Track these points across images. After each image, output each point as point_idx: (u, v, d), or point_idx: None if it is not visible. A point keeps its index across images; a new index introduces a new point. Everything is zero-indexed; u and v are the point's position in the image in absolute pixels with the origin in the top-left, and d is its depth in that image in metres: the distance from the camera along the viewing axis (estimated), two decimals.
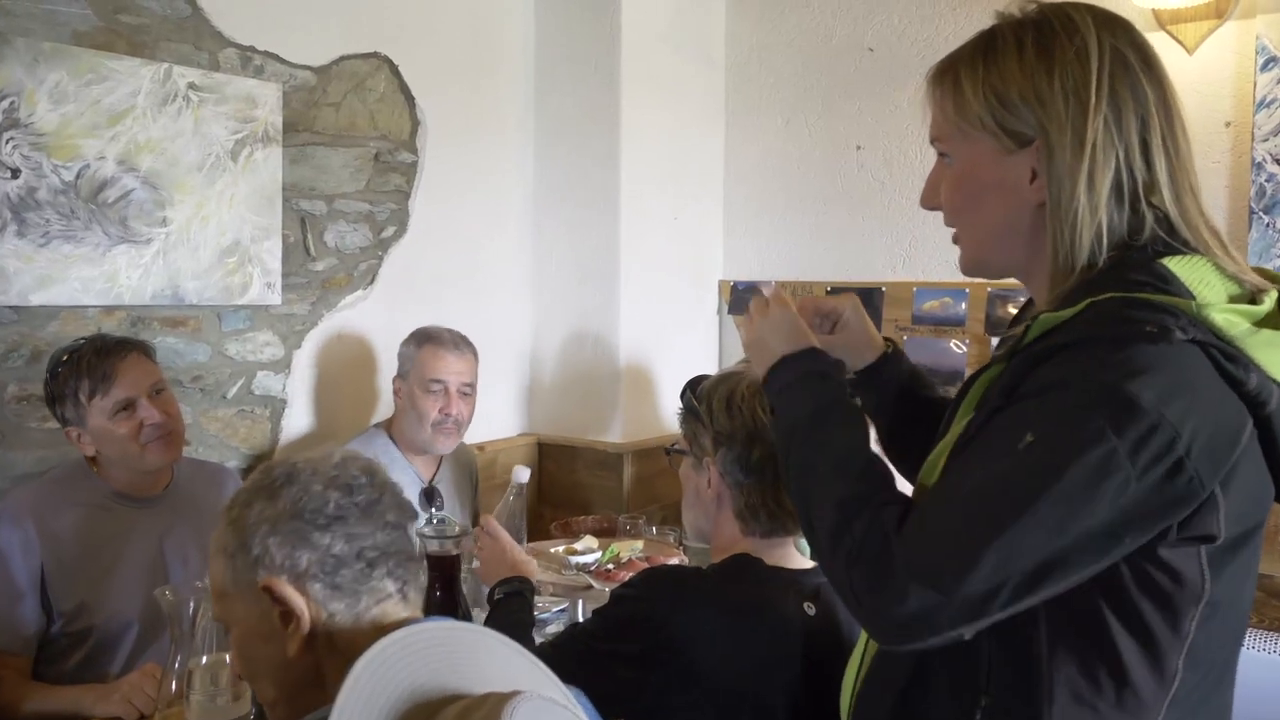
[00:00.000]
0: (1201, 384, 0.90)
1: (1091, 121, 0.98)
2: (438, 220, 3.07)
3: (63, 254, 2.26)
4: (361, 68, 2.84)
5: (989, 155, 1.04)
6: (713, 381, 1.62)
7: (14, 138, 2.18)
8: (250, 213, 2.58)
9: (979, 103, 1.03)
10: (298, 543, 1.07)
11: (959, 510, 0.92)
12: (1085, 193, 0.98)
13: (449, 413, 2.55)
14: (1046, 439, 0.89)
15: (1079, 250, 0.99)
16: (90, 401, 1.99)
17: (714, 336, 3.59)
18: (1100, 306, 0.94)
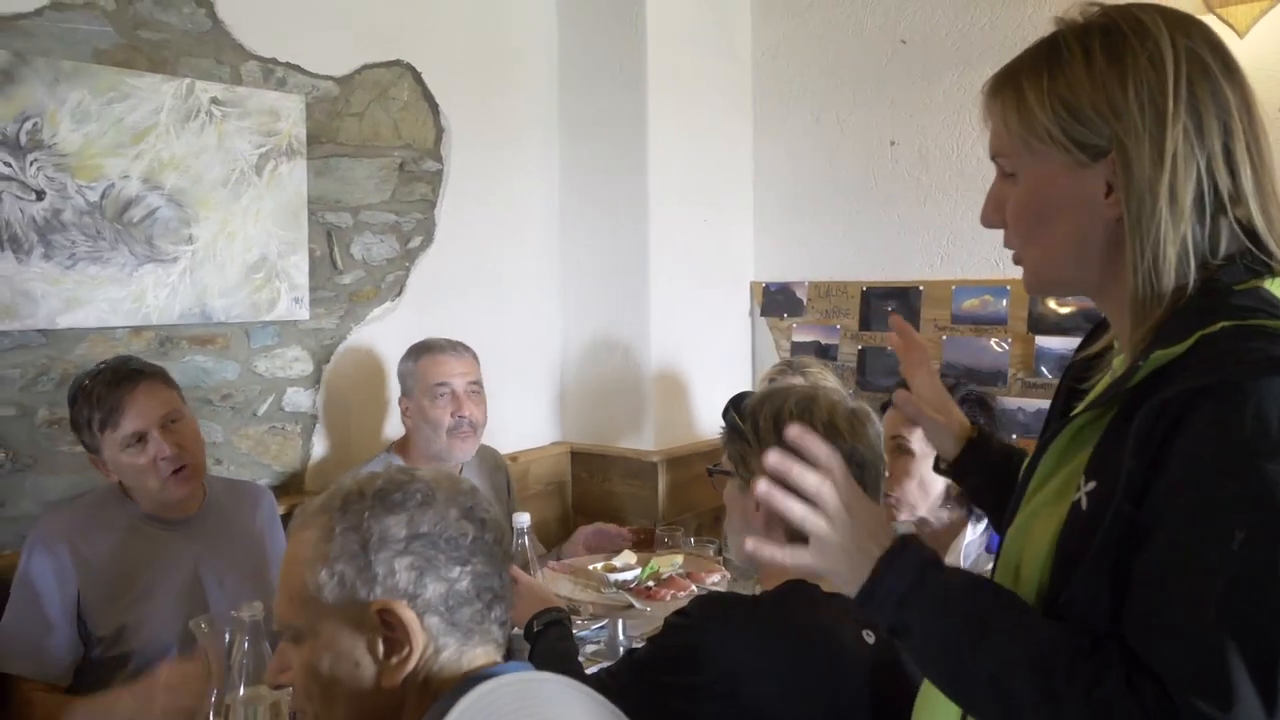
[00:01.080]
0: None
1: (1171, 130, 0.91)
2: (464, 228, 3.02)
3: (89, 275, 2.23)
4: (384, 76, 2.80)
5: (1059, 170, 0.97)
6: (757, 399, 1.55)
7: (38, 159, 2.15)
8: (276, 227, 2.55)
9: (1046, 115, 0.96)
10: (427, 569, 1.01)
11: (1219, 645, 0.80)
12: (1168, 206, 0.91)
13: (462, 414, 2.48)
14: (1263, 525, 0.81)
15: (1163, 268, 0.92)
16: (102, 434, 1.95)
17: (746, 339, 3.53)
18: (1215, 340, 0.87)
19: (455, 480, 1.10)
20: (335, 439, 2.73)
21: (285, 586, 1.05)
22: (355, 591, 1.00)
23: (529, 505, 3.04)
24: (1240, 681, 0.78)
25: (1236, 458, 0.82)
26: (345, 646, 1.01)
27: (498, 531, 1.08)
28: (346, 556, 1.01)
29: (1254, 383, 0.83)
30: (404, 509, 1.03)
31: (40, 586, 1.92)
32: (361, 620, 1.00)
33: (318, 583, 1.01)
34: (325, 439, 2.71)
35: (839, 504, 0.97)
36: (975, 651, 0.90)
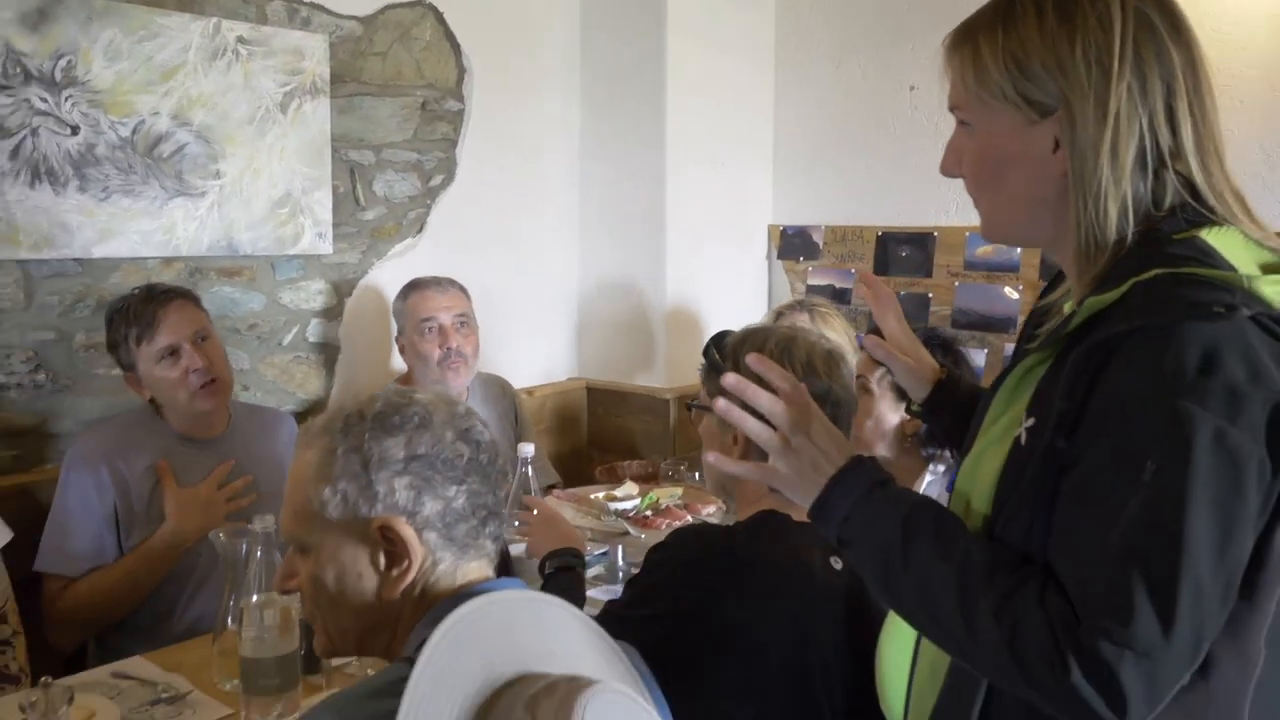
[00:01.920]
0: (1265, 351, 0.88)
1: (1115, 89, 0.95)
2: (485, 168, 3.10)
3: (122, 208, 2.35)
4: (407, 16, 2.86)
5: (1011, 125, 1.01)
6: (738, 337, 1.61)
7: (72, 95, 2.25)
8: (300, 164, 2.64)
9: (999, 72, 1.00)
10: (425, 488, 1.06)
11: (1124, 570, 0.85)
12: (1109, 163, 0.96)
13: (450, 346, 2.57)
14: (1171, 458, 0.85)
15: (1105, 222, 0.97)
16: (138, 347, 2.09)
17: (763, 282, 3.59)
18: (1148, 286, 0.91)
19: (451, 403, 1.14)
20: (356, 369, 2.84)
21: (291, 502, 1.12)
22: (357, 509, 1.06)
23: (545, 438, 3.15)
24: (1140, 604, 0.84)
25: (1154, 395, 0.87)
26: (348, 559, 1.07)
27: (492, 452, 1.13)
28: (348, 476, 1.06)
29: (1176, 326, 0.87)
30: (402, 431, 1.07)
31: (79, 498, 2.06)
32: (364, 535, 1.06)
33: (321, 500, 1.07)
34: (346, 369, 2.83)
35: (792, 423, 1.05)
36: (905, 562, 0.97)
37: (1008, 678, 0.91)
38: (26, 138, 2.19)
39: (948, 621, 0.94)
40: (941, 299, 3.20)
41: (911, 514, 0.99)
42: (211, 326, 2.20)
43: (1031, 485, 0.94)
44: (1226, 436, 0.85)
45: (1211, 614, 0.86)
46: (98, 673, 1.76)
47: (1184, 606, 0.84)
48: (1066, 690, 0.86)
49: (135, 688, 1.69)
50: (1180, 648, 0.84)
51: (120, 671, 1.74)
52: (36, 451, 2.28)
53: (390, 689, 0.92)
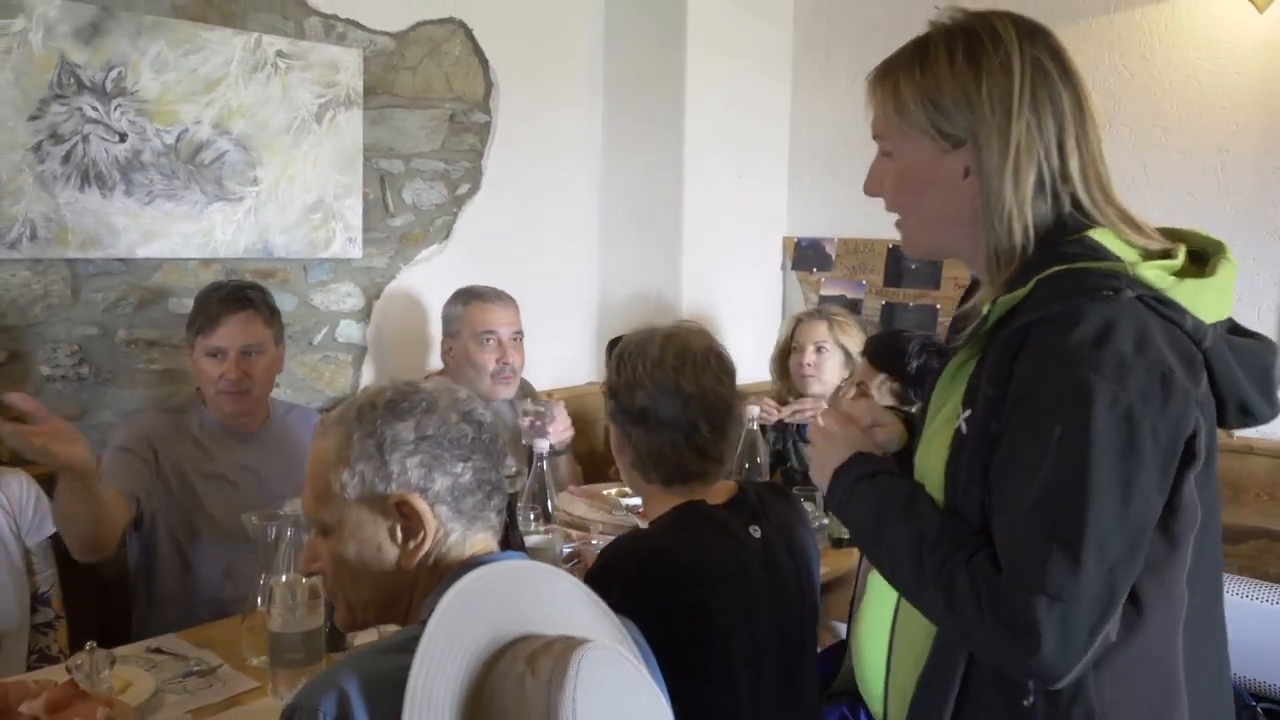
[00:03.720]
0: (1152, 325, 1.00)
1: (1015, 125, 1.08)
2: (510, 178, 3.21)
3: (165, 211, 2.47)
4: (437, 32, 2.98)
5: (927, 154, 1.13)
6: (617, 357, 1.65)
7: (121, 104, 2.38)
8: (333, 172, 2.76)
9: (916, 106, 1.12)
10: (435, 466, 1.17)
11: (1037, 524, 0.97)
12: (1012, 189, 1.09)
13: (506, 361, 2.68)
14: (1073, 423, 0.96)
15: (1012, 239, 1.09)
16: (196, 336, 2.22)
17: (777, 292, 3.68)
18: (1049, 281, 1.04)
19: (453, 389, 1.25)
20: (382, 369, 2.96)
21: (312, 487, 1.22)
22: (374, 487, 1.16)
23: None
24: (1051, 552, 0.95)
25: (1057, 369, 0.99)
26: (369, 534, 1.18)
27: (493, 431, 1.24)
28: (365, 458, 1.16)
29: (1074, 310, 1.00)
30: (411, 415, 1.18)
31: (117, 463, 2.15)
32: (382, 511, 1.16)
33: (341, 482, 1.17)
34: (373, 368, 2.94)
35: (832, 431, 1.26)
36: (883, 530, 1.13)
37: (949, 624, 1.06)
38: (78, 144, 2.32)
39: (906, 579, 1.10)
40: (949, 311, 3.28)
41: (890, 495, 1.15)
42: (271, 342, 2.27)
43: (974, 467, 1.06)
44: (1119, 400, 0.96)
45: (1121, 561, 0.96)
46: (134, 647, 1.83)
47: (1090, 553, 0.94)
48: (992, 633, 0.98)
49: (169, 661, 1.77)
50: (1090, 591, 0.95)
51: (155, 646, 1.83)
52: None
53: (406, 645, 1.02)
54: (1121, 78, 2.98)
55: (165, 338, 2.50)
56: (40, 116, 2.27)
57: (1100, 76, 3.01)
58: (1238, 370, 1.08)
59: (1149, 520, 0.99)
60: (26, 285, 2.31)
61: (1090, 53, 3.02)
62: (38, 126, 2.27)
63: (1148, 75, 2.95)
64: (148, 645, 1.85)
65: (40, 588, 2.03)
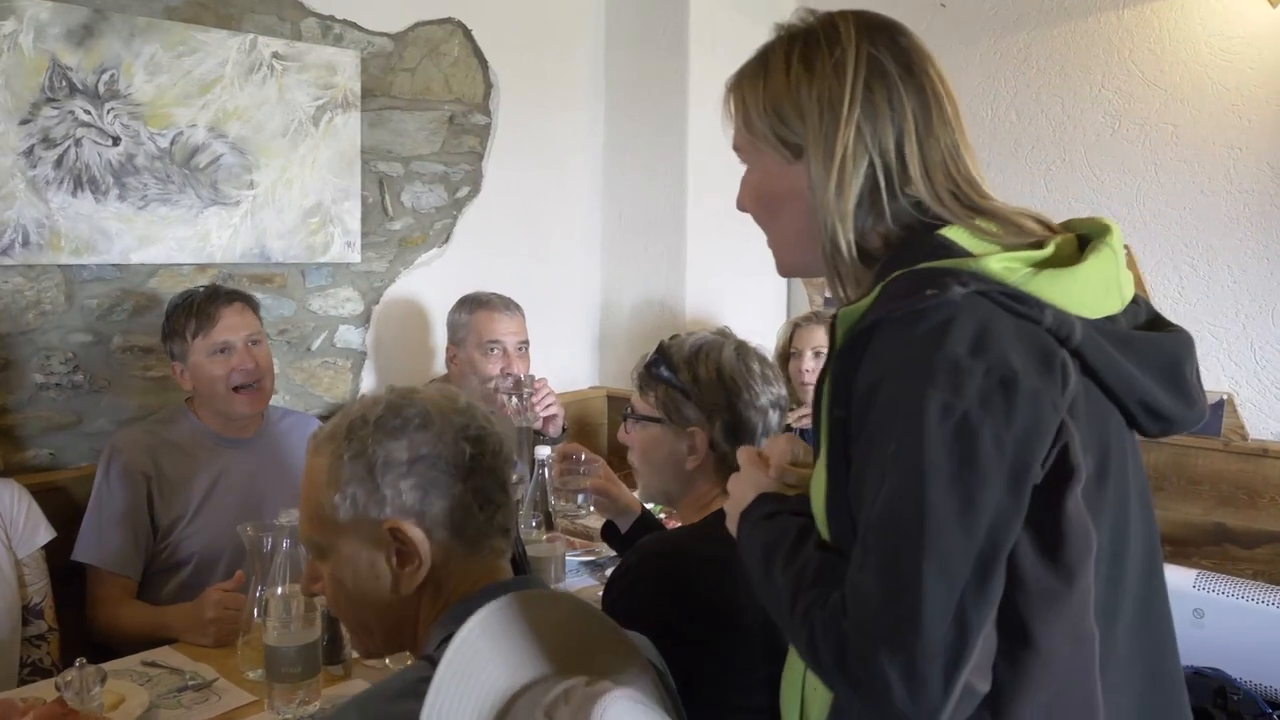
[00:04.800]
0: (998, 323, 0.89)
1: (843, 133, 1.00)
2: (510, 180, 3.17)
3: (159, 215, 2.44)
4: (436, 33, 2.95)
5: (775, 167, 1.07)
6: (689, 350, 1.64)
7: (114, 108, 2.35)
8: (331, 175, 2.73)
9: (759, 117, 1.06)
10: (430, 489, 1.09)
11: (874, 556, 0.86)
12: (835, 199, 1.01)
13: (510, 371, 2.63)
14: (904, 439, 0.86)
15: (838, 252, 1.02)
16: (193, 340, 2.18)
17: (781, 293, 3.64)
18: (891, 286, 0.95)
19: (452, 400, 1.16)
20: (382, 375, 2.92)
21: (305, 507, 1.15)
22: (367, 512, 1.09)
23: None
24: (886, 589, 0.84)
25: (889, 381, 0.89)
26: (364, 561, 1.11)
27: (495, 443, 1.15)
28: (356, 481, 1.09)
29: (904, 315, 0.90)
30: (404, 434, 1.10)
31: (119, 488, 2.13)
32: (376, 537, 1.09)
33: (333, 504, 1.10)
34: (373, 374, 2.91)
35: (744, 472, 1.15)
36: (770, 572, 1.01)
37: (816, 672, 0.94)
38: (70, 148, 2.29)
39: (786, 623, 0.98)
40: None
41: (777, 539, 1.03)
42: (264, 334, 2.29)
43: (841, 500, 0.96)
44: (952, 409, 0.85)
45: (970, 594, 0.83)
46: (128, 661, 1.81)
47: (930, 588, 0.82)
48: (844, 684, 0.88)
49: (164, 675, 1.74)
50: (934, 634, 0.82)
51: (150, 660, 1.80)
52: (73, 449, 2.36)
53: (413, 690, 0.97)
54: (1131, 75, 2.94)
55: (160, 345, 2.45)
56: (31, 120, 2.23)
57: (1109, 73, 2.97)
58: (1131, 367, 0.96)
59: (1001, 542, 0.85)
60: (19, 292, 2.27)
61: (1099, 49, 2.98)
62: (29, 130, 2.23)
63: (1157, 71, 2.90)
64: (142, 658, 1.82)
65: (32, 599, 1.99)
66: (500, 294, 2.74)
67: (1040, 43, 3.06)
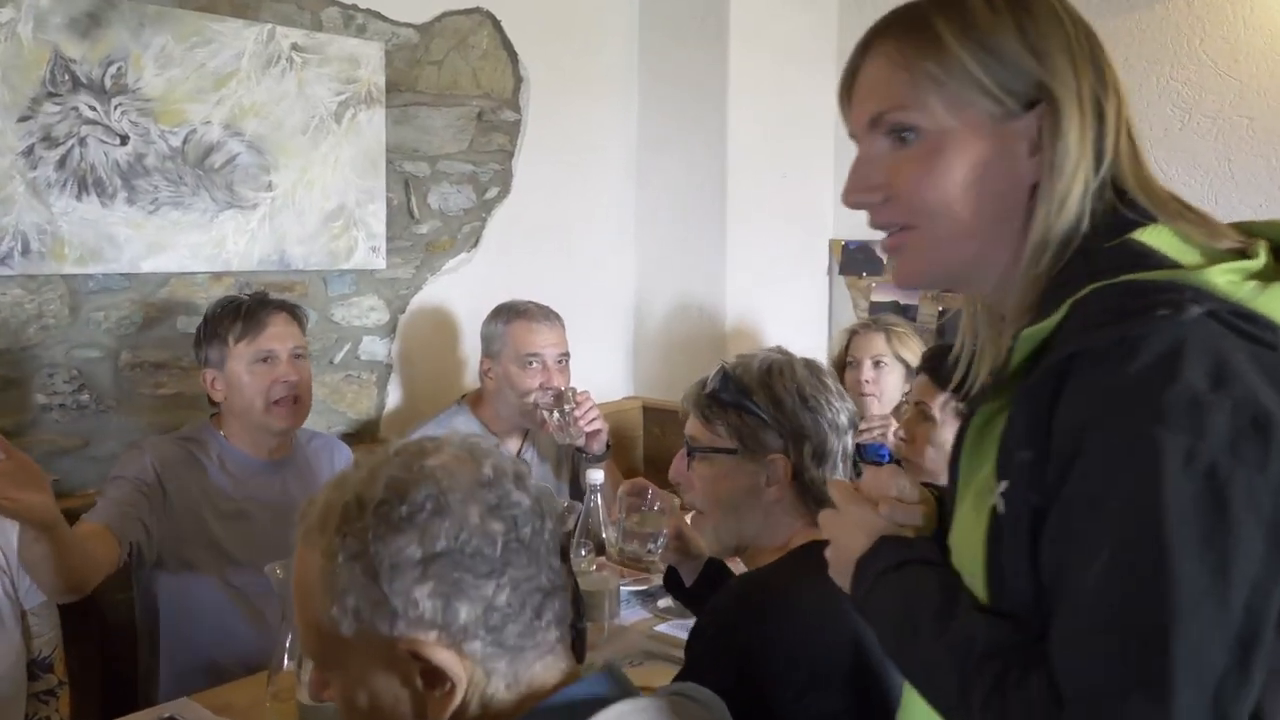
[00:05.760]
0: (1233, 351, 0.74)
1: (1084, 80, 0.84)
2: (541, 180, 3.00)
3: (171, 220, 2.26)
4: (464, 24, 2.77)
5: (983, 124, 0.85)
6: (758, 370, 1.45)
7: (122, 103, 2.16)
8: (354, 175, 2.55)
9: (969, 58, 0.84)
10: (454, 593, 0.85)
11: (1103, 643, 0.71)
12: (1089, 165, 0.83)
13: (550, 386, 2.44)
14: (1137, 494, 0.71)
15: (1058, 235, 0.84)
16: (236, 345, 2.02)
17: (824, 297, 3.45)
18: (1085, 304, 0.77)
19: (474, 462, 0.90)
20: (409, 388, 2.74)
21: (301, 614, 0.91)
22: (375, 627, 0.85)
23: None
24: (1125, 679, 0.70)
25: (1108, 421, 0.73)
26: (379, 684, 0.88)
27: (538, 515, 0.90)
28: (356, 589, 0.85)
29: (1123, 340, 0.74)
30: (413, 525, 0.85)
31: (135, 478, 1.94)
32: (390, 657, 0.86)
33: (331, 617, 0.86)
34: (399, 388, 2.73)
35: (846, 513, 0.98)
36: (915, 640, 0.85)
37: None
38: (74, 147, 2.11)
39: (949, 704, 0.82)
40: None
41: (916, 597, 0.88)
42: (308, 349, 2.15)
43: (1018, 556, 0.79)
44: (1197, 455, 0.70)
45: (1228, 681, 0.69)
46: (145, 716, 1.65)
47: (1181, 679, 0.68)
48: None
49: None
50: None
51: (168, 715, 1.64)
52: (78, 475, 2.18)
53: None
54: (1202, 65, 2.77)
55: (174, 359, 2.28)
56: (32, 117, 2.05)
57: (1179, 64, 2.80)
58: None
59: (1264, 618, 0.70)
60: (19, 305, 2.09)
61: (1167, 39, 2.81)
62: (29, 128, 2.05)
63: (1231, 61, 2.73)
64: (159, 713, 1.66)
65: (40, 652, 1.81)
66: (539, 303, 2.53)
67: (1103, 33, 2.88)
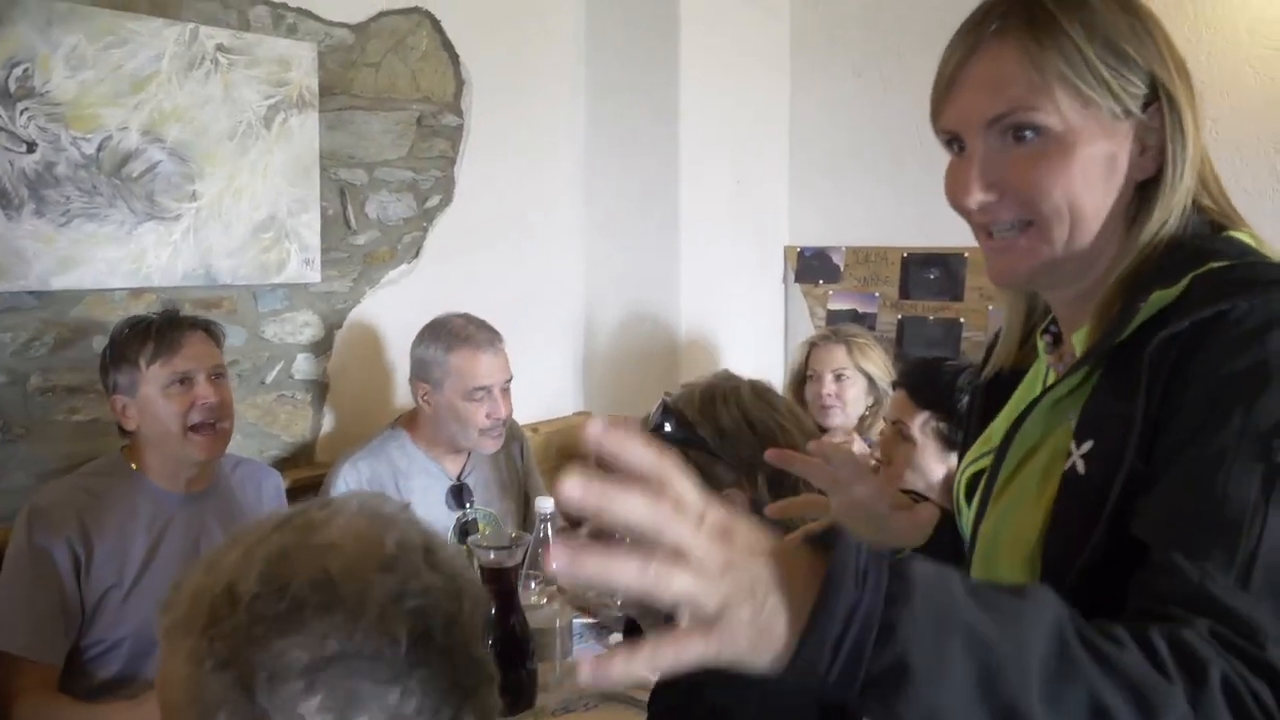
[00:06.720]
0: None
1: (1185, 78, 0.86)
2: (486, 187, 2.88)
3: (85, 233, 2.10)
4: (402, 24, 2.64)
5: (1103, 122, 0.84)
6: (700, 399, 1.33)
7: (29, 108, 2.01)
8: (286, 184, 2.41)
9: (1097, 56, 0.83)
10: (350, 706, 0.70)
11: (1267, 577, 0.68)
12: (1196, 162, 0.85)
13: (499, 417, 2.30)
14: None
15: (1170, 237, 0.85)
16: (149, 368, 1.87)
17: (779, 307, 3.38)
18: (1213, 276, 0.79)
19: (374, 537, 0.75)
20: (347, 409, 2.60)
21: None
22: None
23: (549, 480, 2.91)
24: None
25: (1265, 375, 0.73)
26: None
27: (453, 599, 0.75)
28: (229, 705, 0.70)
29: (1267, 305, 0.76)
30: (297, 625, 0.70)
31: (40, 560, 1.81)
32: None
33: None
34: (337, 408, 2.59)
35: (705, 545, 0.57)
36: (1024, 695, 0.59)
37: None
38: None
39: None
40: (975, 324, 2.99)
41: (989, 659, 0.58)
42: (226, 368, 2.00)
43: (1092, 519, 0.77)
44: None
45: None
46: None
47: None
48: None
49: None
50: None
51: None
52: None
53: None
54: None
55: (90, 383, 2.11)
56: None
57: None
58: None
59: None
60: None
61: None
62: None
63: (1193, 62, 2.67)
64: None
65: None
66: (477, 321, 2.36)
67: None
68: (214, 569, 0.74)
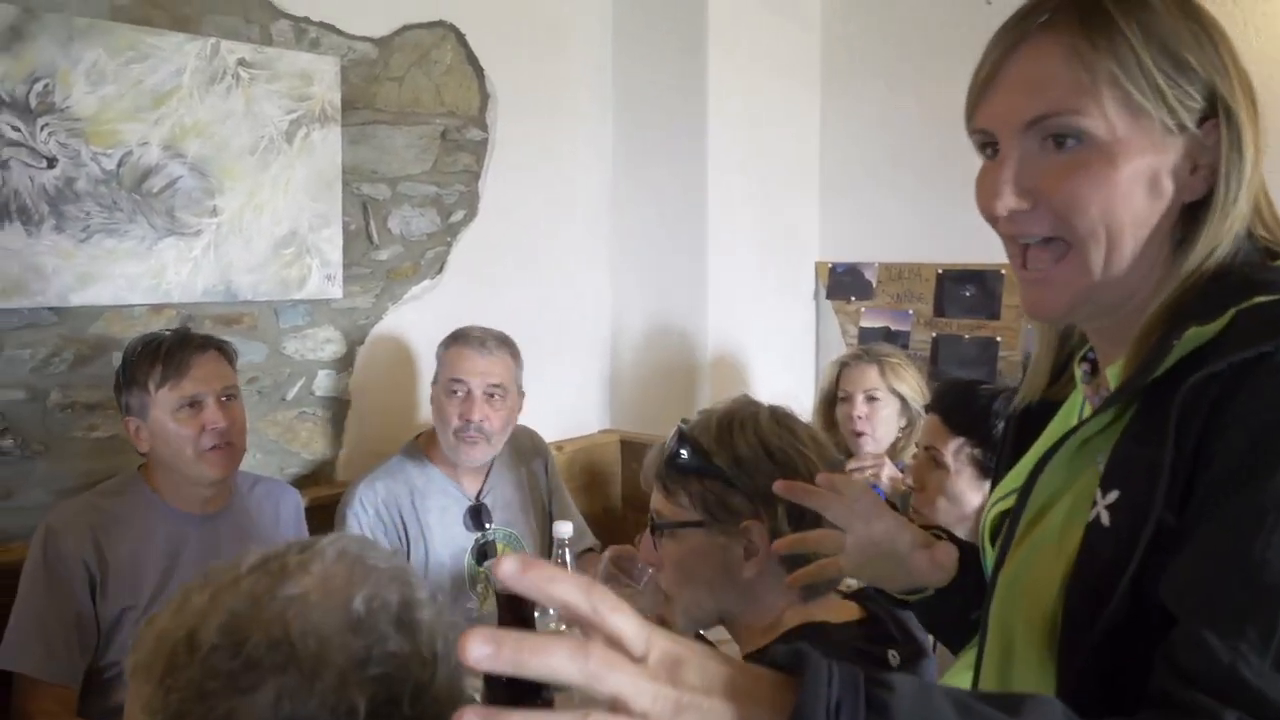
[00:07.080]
0: None
1: (1249, 96, 0.79)
2: (510, 202, 2.84)
3: (105, 249, 2.09)
4: (426, 38, 2.62)
5: (1153, 134, 0.77)
6: (718, 426, 1.28)
7: (49, 124, 2.00)
8: (308, 199, 2.39)
9: (1153, 62, 0.76)
10: None
11: None
12: (1257, 188, 0.79)
13: (469, 418, 2.22)
14: None
15: (1217, 257, 0.78)
16: (158, 391, 1.86)
17: (810, 323, 3.31)
18: (1255, 314, 0.72)
19: (345, 591, 0.71)
20: (369, 426, 2.57)
21: None
22: None
23: (575, 497, 2.86)
24: None
25: None
26: None
27: (422, 666, 0.71)
28: None
29: None
30: (251, 685, 0.67)
31: (55, 579, 1.80)
32: None
33: None
34: (358, 426, 2.56)
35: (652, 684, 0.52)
36: None
37: None
38: None
39: None
40: (1010, 343, 2.91)
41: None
42: (239, 388, 1.98)
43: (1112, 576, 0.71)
44: None
45: None
46: None
47: None
48: None
49: None
50: None
51: None
52: (2, 528, 2.00)
53: None
54: None
55: (108, 399, 2.09)
56: None
57: None
58: None
59: None
60: None
61: None
62: None
63: None
64: None
65: None
66: (489, 329, 2.33)
67: None
68: (181, 611, 0.71)
